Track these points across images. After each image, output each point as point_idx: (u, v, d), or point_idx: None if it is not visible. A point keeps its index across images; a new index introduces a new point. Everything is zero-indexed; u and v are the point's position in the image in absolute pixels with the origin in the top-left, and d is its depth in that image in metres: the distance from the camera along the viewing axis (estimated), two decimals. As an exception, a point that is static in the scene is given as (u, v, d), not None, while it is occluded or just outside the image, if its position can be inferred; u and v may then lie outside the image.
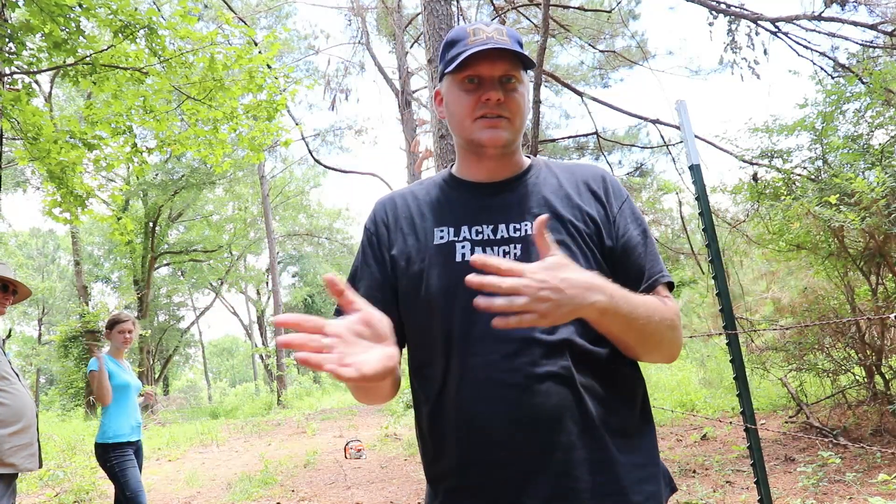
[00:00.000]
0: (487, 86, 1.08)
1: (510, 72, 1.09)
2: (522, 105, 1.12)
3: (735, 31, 7.52)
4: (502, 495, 1.01)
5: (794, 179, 5.52)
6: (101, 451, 3.51)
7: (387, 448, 8.11)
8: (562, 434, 1.00)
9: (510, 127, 1.10)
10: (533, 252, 1.03)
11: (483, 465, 1.02)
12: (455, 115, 1.14)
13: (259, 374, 37.08)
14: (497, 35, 1.09)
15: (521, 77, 1.12)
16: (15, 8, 4.34)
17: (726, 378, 8.41)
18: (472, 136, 1.11)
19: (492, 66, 1.08)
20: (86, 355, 15.99)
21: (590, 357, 1.04)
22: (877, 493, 3.68)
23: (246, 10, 19.26)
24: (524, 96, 1.12)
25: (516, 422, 1.00)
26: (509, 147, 1.13)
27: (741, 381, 2.82)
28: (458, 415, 1.04)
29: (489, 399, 1.02)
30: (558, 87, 16.46)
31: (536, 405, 0.99)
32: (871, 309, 4.95)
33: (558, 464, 0.99)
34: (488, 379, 1.02)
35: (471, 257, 0.84)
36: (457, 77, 1.11)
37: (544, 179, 1.17)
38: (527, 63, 1.11)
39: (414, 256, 1.13)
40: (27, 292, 2.98)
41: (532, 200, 1.13)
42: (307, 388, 24.14)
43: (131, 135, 5.73)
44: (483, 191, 1.16)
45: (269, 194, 23.72)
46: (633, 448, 1.06)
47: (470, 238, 1.10)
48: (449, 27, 6.67)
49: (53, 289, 32.47)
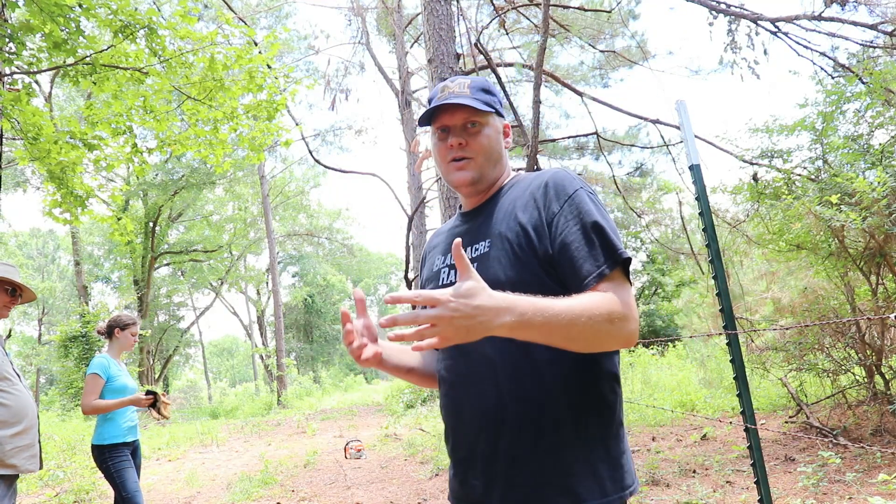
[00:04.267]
0: (452, 133, 1.31)
1: (471, 118, 1.30)
2: (487, 144, 1.31)
3: (735, 31, 7.52)
4: (463, 470, 1.27)
5: (795, 179, 5.52)
6: (98, 452, 3.48)
7: (387, 448, 8.11)
8: (492, 425, 1.19)
9: (474, 165, 1.30)
10: (482, 269, 1.22)
11: (454, 448, 1.31)
12: (436, 161, 1.38)
13: (259, 374, 37.07)
14: (458, 89, 1.31)
15: (484, 121, 1.31)
16: (15, 8, 4.33)
17: (726, 378, 8.41)
18: (448, 177, 1.34)
19: (451, 117, 1.30)
20: (86, 355, 15.98)
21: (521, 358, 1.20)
22: (877, 493, 3.68)
23: (246, 10, 19.26)
24: (490, 136, 1.31)
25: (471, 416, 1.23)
26: (478, 184, 1.32)
27: (741, 381, 2.83)
28: (443, 409, 1.35)
29: (447, 396, 1.31)
30: (558, 87, 16.47)
31: (477, 399, 1.22)
32: (871, 309, 4.95)
33: (489, 452, 1.19)
34: (452, 382, 1.28)
35: (384, 297, 0.94)
36: (433, 129, 1.35)
37: (506, 199, 1.31)
38: (490, 105, 1.31)
39: (425, 282, 1.42)
40: (32, 296, 2.97)
41: (491, 222, 1.28)
42: (307, 388, 24.15)
43: (131, 135, 5.72)
44: (466, 218, 1.39)
45: (269, 194, 23.73)
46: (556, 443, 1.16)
47: (448, 263, 1.34)
48: (449, 27, 6.67)
49: (53, 289, 32.46)
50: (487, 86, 1.35)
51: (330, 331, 39.31)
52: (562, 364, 1.16)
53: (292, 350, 35.80)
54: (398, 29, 16.18)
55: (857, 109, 5.25)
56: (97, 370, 3.53)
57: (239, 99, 5.86)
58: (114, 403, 3.50)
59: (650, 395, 8.95)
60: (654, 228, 14.91)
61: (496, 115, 1.34)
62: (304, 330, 38.58)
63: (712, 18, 7.48)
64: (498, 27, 9.53)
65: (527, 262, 1.18)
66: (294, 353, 35.54)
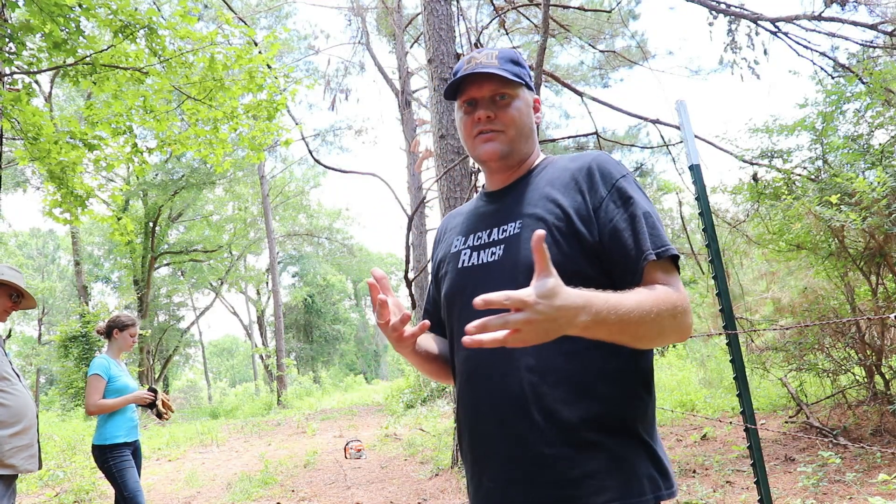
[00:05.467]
0: (480, 106, 1.22)
1: (499, 90, 1.21)
2: (518, 117, 1.22)
3: (735, 31, 7.51)
4: (479, 471, 1.17)
5: (795, 179, 5.52)
6: (99, 452, 3.49)
7: (387, 448, 8.11)
8: (520, 423, 1.09)
9: (505, 139, 1.22)
10: (512, 251, 1.14)
11: (471, 445, 1.20)
12: (462, 136, 1.29)
13: (259, 374, 37.06)
14: (486, 59, 1.22)
15: (514, 93, 1.23)
16: (15, 8, 4.33)
17: (726, 378, 8.40)
18: (474, 152, 1.25)
19: (479, 89, 1.22)
20: (86, 355, 15.98)
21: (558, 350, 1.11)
22: (877, 493, 3.68)
23: (246, 10, 19.25)
24: (521, 109, 1.23)
25: (491, 410, 1.14)
26: (509, 158, 1.23)
27: (741, 381, 2.82)
28: (459, 403, 1.24)
29: (470, 391, 1.20)
30: (558, 87, 16.47)
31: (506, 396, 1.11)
32: (871, 309, 4.95)
33: (509, 448, 1.10)
34: (469, 374, 1.19)
35: (474, 300, 0.87)
36: (458, 102, 1.27)
37: (540, 179, 1.22)
38: (520, 77, 1.23)
39: (444, 263, 1.33)
40: (33, 304, 2.97)
41: (523, 202, 1.20)
42: (307, 388, 24.13)
43: (131, 135, 5.72)
44: (491, 198, 1.29)
45: (269, 194, 23.72)
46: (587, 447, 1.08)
47: (471, 245, 1.25)
48: (449, 27, 6.67)
49: (53, 289, 32.46)
50: (517, 57, 1.27)
51: (330, 331, 39.30)
52: (593, 355, 1.08)
53: (292, 350, 35.78)
54: (398, 29, 16.18)
55: (857, 109, 5.25)
56: (98, 371, 3.54)
57: (239, 99, 5.86)
58: (118, 402, 3.53)
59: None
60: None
61: (526, 87, 1.25)
62: (304, 330, 38.56)
63: (712, 18, 7.48)
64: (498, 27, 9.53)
65: (567, 246, 1.10)
66: (294, 353, 35.51)
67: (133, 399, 3.59)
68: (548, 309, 0.86)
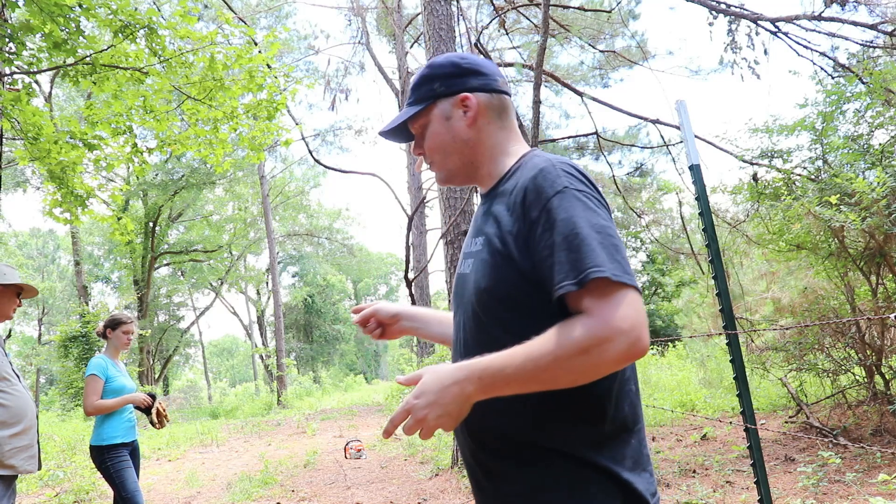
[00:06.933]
0: (416, 143, 1.30)
1: (415, 127, 1.28)
2: (435, 142, 1.24)
3: (735, 31, 7.51)
4: (469, 474, 1.21)
5: (794, 179, 5.52)
6: (97, 453, 3.49)
7: (387, 448, 8.11)
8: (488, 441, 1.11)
9: (437, 167, 1.28)
10: (476, 268, 1.14)
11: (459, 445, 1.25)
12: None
13: (259, 374, 37.07)
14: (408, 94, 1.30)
15: (427, 119, 1.24)
16: (15, 8, 4.33)
17: (726, 378, 8.41)
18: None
19: (409, 132, 1.31)
20: (86, 355, 15.97)
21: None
22: (877, 493, 3.68)
23: (246, 10, 19.26)
24: (436, 131, 1.23)
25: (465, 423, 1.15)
26: (453, 179, 1.28)
27: (741, 381, 2.83)
28: None
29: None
30: (558, 87, 16.46)
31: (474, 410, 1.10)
32: (871, 309, 4.95)
33: (480, 467, 1.13)
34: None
35: (397, 378, 1.02)
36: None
37: (504, 189, 1.16)
38: (425, 97, 1.23)
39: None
40: (34, 292, 2.99)
41: (490, 214, 1.17)
42: (307, 388, 24.14)
43: (131, 135, 5.72)
44: (482, 201, 1.31)
45: (269, 194, 23.72)
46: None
47: (464, 250, 1.28)
48: (449, 27, 6.66)
49: (53, 289, 32.46)
50: (426, 71, 1.24)
51: (330, 331, 39.31)
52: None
53: (292, 350, 35.77)
54: (398, 29, 16.19)
55: (857, 109, 5.25)
56: (95, 371, 3.54)
57: (239, 98, 5.86)
58: (116, 402, 3.53)
59: (650, 395, 8.95)
60: (654, 228, 14.89)
61: (441, 98, 1.21)
62: (304, 330, 38.57)
63: (712, 18, 7.48)
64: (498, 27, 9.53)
65: (504, 269, 1.07)
66: (294, 353, 35.50)
67: (130, 399, 3.59)
68: (426, 403, 0.98)
